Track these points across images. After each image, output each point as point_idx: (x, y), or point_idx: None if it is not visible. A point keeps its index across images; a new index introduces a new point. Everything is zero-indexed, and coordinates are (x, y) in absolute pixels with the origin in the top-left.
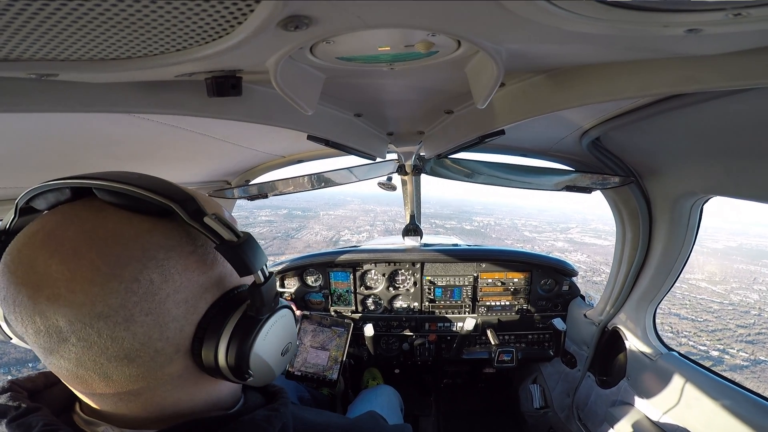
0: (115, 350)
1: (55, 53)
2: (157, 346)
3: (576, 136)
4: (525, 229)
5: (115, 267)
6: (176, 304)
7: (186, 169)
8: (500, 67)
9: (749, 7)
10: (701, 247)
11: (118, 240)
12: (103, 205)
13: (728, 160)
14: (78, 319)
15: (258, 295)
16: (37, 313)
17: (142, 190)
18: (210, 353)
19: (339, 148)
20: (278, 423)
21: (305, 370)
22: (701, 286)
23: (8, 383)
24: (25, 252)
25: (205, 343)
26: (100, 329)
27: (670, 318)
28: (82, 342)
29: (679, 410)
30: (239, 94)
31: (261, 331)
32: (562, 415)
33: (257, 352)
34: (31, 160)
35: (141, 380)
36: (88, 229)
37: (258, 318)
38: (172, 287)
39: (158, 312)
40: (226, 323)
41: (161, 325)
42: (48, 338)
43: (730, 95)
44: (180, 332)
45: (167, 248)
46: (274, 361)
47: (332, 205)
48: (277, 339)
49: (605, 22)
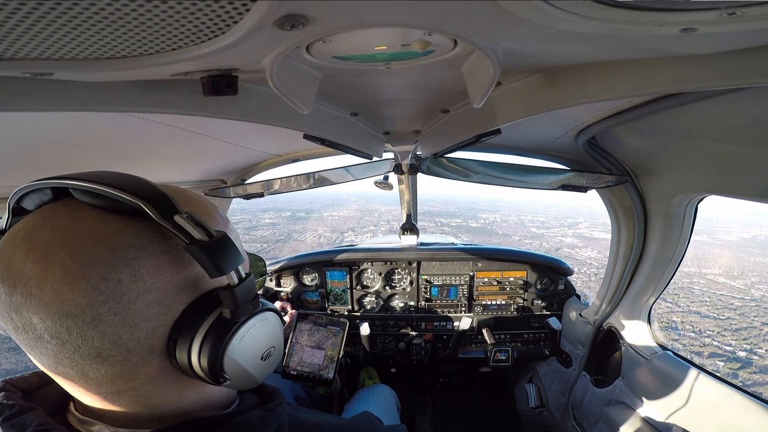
0: (87, 349)
1: (50, 52)
2: (128, 345)
3: (571, 135)
4: (532, 225)
5: (83, 266)
6: (147, 304)
7: (182, 168)
8: (496, 66)
9: (743, 7)
10: (714, 239)
11: (89, 239)
12: (80, 205)
13: (723, 159)
14: (49, 317)
15: (231, 298)
16: (12, 310)
17: (113, 189)
18: (183, 355)
19: (335, 147)
20: (274, 423)
21: (301, 369)
22: (719, 281)
23: (1, 383)
24: (6, 250)
25: (178, 345)
26: (69, 327)
27: (691, 316)
28: (54, 339)
29: (674, 409)
30: (235, 93)
31: (235, 334)
32: (557, 414)
33: (232, 356)
34: (27, 159)
35: (118, 379)
36: (61, 228)
37: (233, 321)
38: (143, 287)
39: (127, 312)
40: (200, 325)
41: (131, 325)
42: (25, 335)
43: (724, 94)
44: (153, 333)
45: (138, 248)
46: (252, 366)
47: (336, 206)
48: (256, 343)
49: (601, 22)
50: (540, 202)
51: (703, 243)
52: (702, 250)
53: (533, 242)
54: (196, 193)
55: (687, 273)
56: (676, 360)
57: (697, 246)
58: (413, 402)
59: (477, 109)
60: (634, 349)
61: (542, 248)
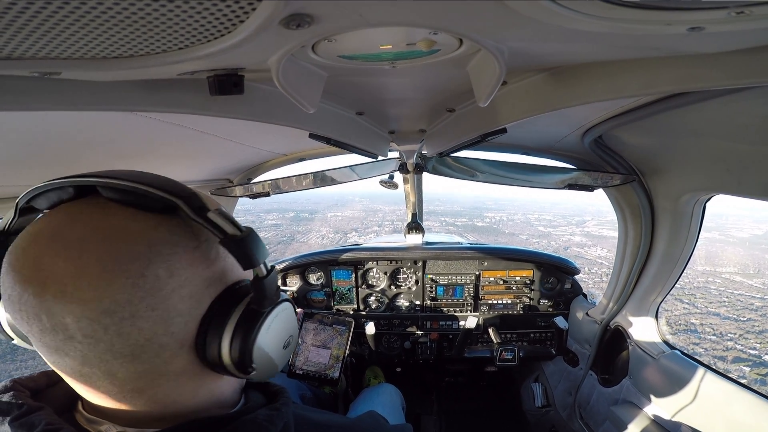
0: (121, 346)
1: (57, 52)
2: (162, 341)
3: (578, 135)
4: (539, 223)
5: (121, 263)
6: (181, 299)
7: (188, 167)
8: (502, 65)
9: (752, 6)
10: (726, 236)
11: (124, 236)
12: (108, 203)
13: (730, 158)
14: (85, 316)
15: (260, 288)
16: (43, 311)
17: (147, 186)
18: (214, 347)
19: (341, 146)
20: (280, 422)
21: (307, 368)
22: (736, 279)
23: (10, 382)
24: (31, 251)
25: (208, 337)
26: (106, 325)
27: (710, 318)
28: (88, 339)
29: (681, 409)
30: (241, 92)
31: (264, 323)
32: (564, 413)
33: (260, 345)
34: (33, 158)
35: (145, 377)
36: (94, 226)
37: (260, 311)
38: (177, 282)
39: (164, 307)
40: (230, 317)
41: (166, 320)
42: (53, 336)
43: (732, 93)
44: (184, 327)
45: (172, 243)
46: (276, 355)
47: (340, 206)
48: (279, 332)
49: (608, 21)
50: (546, 200)
51: (714, 240)
52: (714, 248)
53: (541, 241)
54: (205, 193)
55: (702, 272)
56: (683, 359)
57: (709, 243)
58: (419, 401)
59: (483, 109)
60: (641, 348)
61: (550, 247)
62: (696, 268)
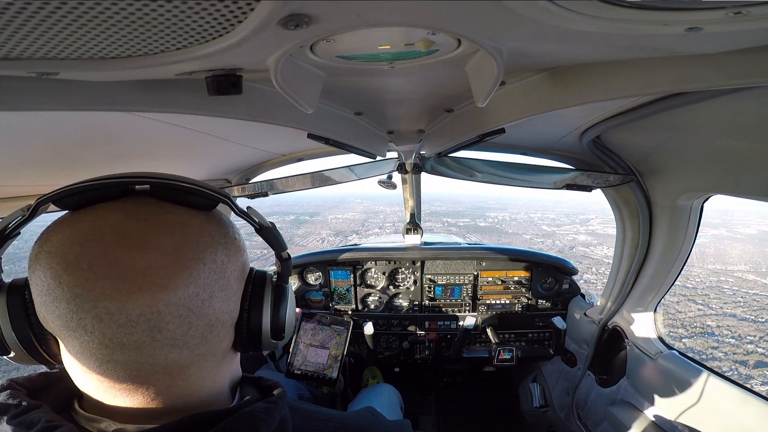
0: (197, 327)
1: (55, 52)
2: (224, 318)
3: (576, 135)
4: (542, 223)
5: (196, 251)
6: (236, 280)
7: (186, 167)
8: (500, 65)
9: (749, 6)
10: (733, 233)
11: (190, 229)
12: (159, 202)
13: (728, 158)
14: (173, 302)
15: (286, 267)
16: (127, 303)
17: (200, 187)
18: (257, 319)
19: (339, 146)
20: (277, 415)
21: (305, 368)
22: (748, 278)
23: (7, 382)
24: (97, 246)
25: (252, 312)
26: (190, 309)
27: (726, 320)
28: (171, 325)
29: (679, 409)
30: (239, 92)
31: (289, 295)
32: (562, 413)
33: (289, 314)
34: (31, 158)
35: (200, 360)
36: (159, 221)
37: (284, 285)
38: (232, 266)
39: (228, 287)
40: (265, 292)
41: (228, 299)
42: (132, 329)
43: (729, 94)
44: (235, 306)
45: (222, 234)
46: (291, 321)
47: (341, 209)
48: (293, 302)
49: (606, 21)
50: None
51: (722, 237)
52: (723, 245)
53: (545, 241)
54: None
55: (713, 270)
56: (681, 359)
57: (717, 241)
58: (417, 401)
59: (481, 109)
60: (639, 349)
61: (555, 247)
62: (706, 266)
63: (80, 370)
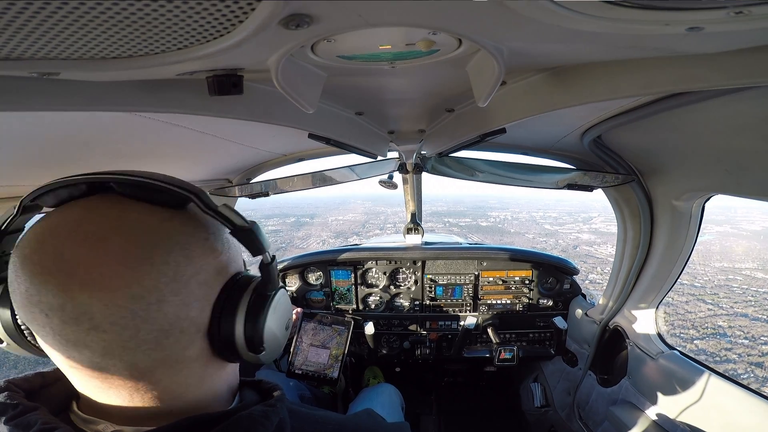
0: (146, 332)
1: (56, 52)
2: (183, 325)
3: (577, 135)
4: (545, 222)
5: (145, 250)
6: (198, 285)
7: (187, 167)
8: (501, 65)
9: (751, 6)
10: (738, 230)
11: (144, 227)
12: (122, 199)
13: (729, 158)
14: (113, 303)
15: (267, 273)
16: (68, 300)
17: (162, 183)
18: (229, 328)
19: (340, 146)
20: (275, 418)
21: (306, 368)
22: (757, 276)
23: (4, 383)
24: (49, 243)
25: (222, 321)
26: (134, 311)
27: (738, 320)
28: (115, 326)
29: (680, 408)
30: (240, 92)
31: (271, 305)
32: (563, 413)
33: (269, 325)
34: (32, 158)
35: (163, 365)
36: (113, 218)
37: (267, 294)
38: (193, 269)
39: (185, 292)
40: (241, 300)
41: (187, 304)
42: (76, 327)
43: (731, 93)
44: (201, 312)
45: (187, 234)
46: (281, 334)
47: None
48: (282, 313)
49: (607, 21)
50: (550, 197)
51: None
52: (728, 242)
53: (548, 240)
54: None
55: (721, 269)
56: (682, 359)
57: (722, 238)
58: (418, 401)
59: (482, 109)
60: (640, 349)
61: (558, 246)
62: (713, 264)
63: (59, 366)
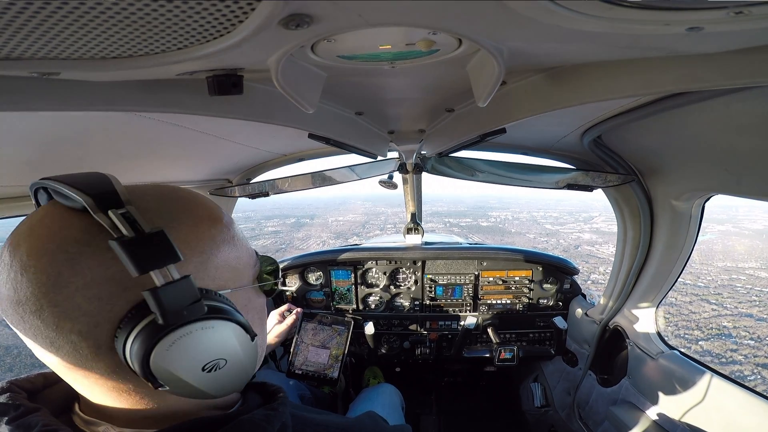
0: (41, 338)
1: (56, 52)
2: (71, 338)
3: (577, 135)
4: (545, 221)
5: (33, 258)
6: (87, 299)
7: (187, 167)
8: (501, 65)
9: (751, 6)
10: (740, 229)
11: (45, 234)
12: (56, 204)
13: (729, 158)
14: (8, 306)
15: (154, 300)
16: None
17: (61, 184)
18: (122, 355)
19: (340, 146)
20: (277, 422)
21: (306, 368)
22: (761, 276)
23: (7, 384)
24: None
25: (116, 343)
26: (22, 316)
27: (743, 320)
28: (17, 328)
29: (680, 408)
30: (240, 92)
31: (162, 340)
32: (563, 413)
33: (160, 363)
34: (33, 158)
35: (74, 372)
36: (33, 224)
37: (162, 326)
38: (82, 282)
39: (66, 305)
40: (135, 326)
41: (72, 318)
42: (16, 328)
43: (731, 93)
44: (96, 328)
45: (82, 242)
46: (193, 377)
47: (342, 211)
48: (192, 353)
49: (607, 21)
50: (551, 197)
51: (729, 233)
52: (730, 241)
53: (549, 240)
54: (191, 194)
55: (724, 268)
56: (682, 359)
57: (724, 237)
58: (418, 401)
59: (482, 109)
60: (640, 348)
61: (560, 246)
62: (716, 264)
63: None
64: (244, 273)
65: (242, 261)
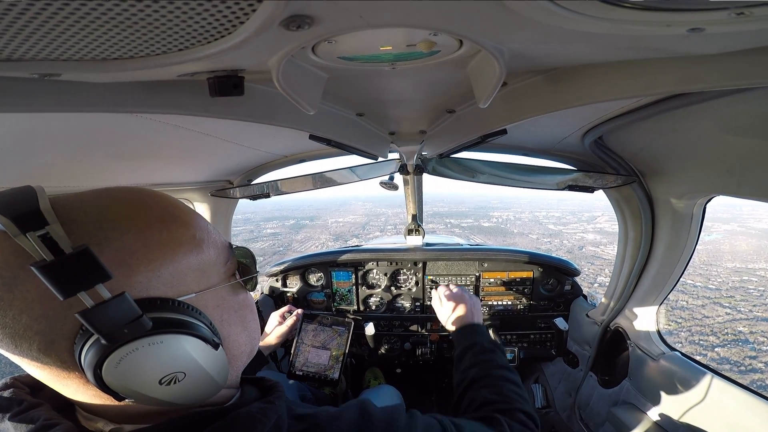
0: (12, 356)
1: (57, 53)
2: (34, 355)
3: (578, 136)
4: (548, 222)
5: None
6: (34, 319)
7: (188, 168)
8: (502, 66)
9: (752, 7)
10: (746, 228)
11: None
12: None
13: (730, 159)
14: None
15: (88, 322)
16: None
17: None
18: (81, 370)
19: (341, 147)
20: (273, 415)
21: (306, 369)
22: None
23: (10, 379)
24: None
25: (75, 359)
26: None
27: (759, 324)
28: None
29: (681, 410)
30: (241, 93)
31: (108, 357)
32: (564, 414)
33: (112, 379)
34: (34, 160)
35: (53, 382)
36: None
37: (105, 344)
38: (24, 303)
39: (16, 326)
40: (84, 343)
41: (27, 338)
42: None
43: (732, 94)
44: (52, 345)
45: (15, 266)
46: (151, 390)
47: (342, 212)
48: (145, 368)
49: (607, 22)
50: (552, 197)
51: (735, 233)
52: (737, 241)
53: (552, 240)
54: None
55: (734, 269)
56: (683, 360)
57: (731, 236)
58: (418, 402)
59: (483, 110)
60: (641, 350)
61: (563, 247)
62: (725, 265)
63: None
64: (211, 273)
65: (208, 260)
